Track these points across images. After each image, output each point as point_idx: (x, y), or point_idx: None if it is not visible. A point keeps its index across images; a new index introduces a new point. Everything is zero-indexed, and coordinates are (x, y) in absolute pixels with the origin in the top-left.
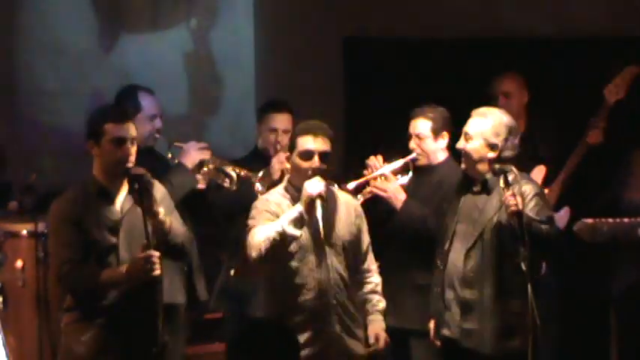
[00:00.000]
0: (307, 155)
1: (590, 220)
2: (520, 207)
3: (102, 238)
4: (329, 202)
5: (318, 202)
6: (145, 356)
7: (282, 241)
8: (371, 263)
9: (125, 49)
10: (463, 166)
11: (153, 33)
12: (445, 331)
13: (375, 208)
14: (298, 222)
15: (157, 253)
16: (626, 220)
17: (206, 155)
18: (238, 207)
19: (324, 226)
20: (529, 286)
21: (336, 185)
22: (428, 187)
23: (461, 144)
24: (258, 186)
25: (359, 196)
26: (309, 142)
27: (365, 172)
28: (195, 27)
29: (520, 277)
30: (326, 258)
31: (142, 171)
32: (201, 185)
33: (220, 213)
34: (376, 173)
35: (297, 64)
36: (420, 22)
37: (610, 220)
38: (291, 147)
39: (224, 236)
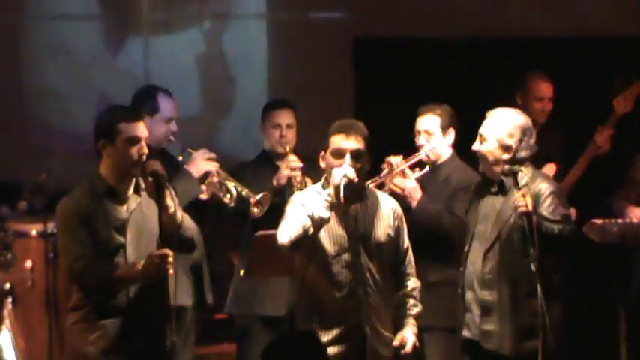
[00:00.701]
0: (339, 154)
1: (599, 221)
2: (529, 208)
3: (109, 237)
4: (367, 202)
5: (343, 182)
6: (154, 356)
7: (312, 224)
8: (409, 267)
9: (133, 52)
10: (480, 168)
11: (166, 35)
12: (465, 333)
13: None
14: (327, 205)
15: (171, 252)
16: (635, 220)
17: (212, 167)
18: (246, 209)
19: (359, 225)
20: (538, 287)
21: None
22: (435, 184)
23: (476, 146)
24: (254, 209)
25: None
26: (341, 141)
27: (383, 166)
28: (208, 29)
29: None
30: (360, 258)
31: (157, 166)
32: (204, 196)
33: (229, 215)
34: (397, 170)
35: (308, 64)
36: (430, 22)
37: (619, 220)
38: (326, 146)
39: (235, 238)
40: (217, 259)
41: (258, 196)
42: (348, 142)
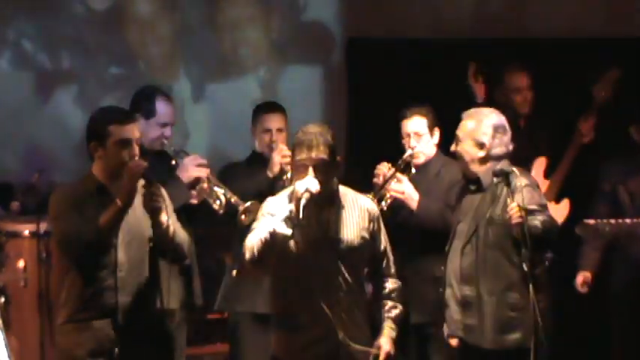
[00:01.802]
0: (303, 167)
1: (591, 221)
2: (523, 219)
3: None
4: (339, 206)
5: (304, 198)
6: (143, 359)
7: (274, 241)
8: (387, 268)
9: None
10: (460, 167)
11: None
12: (445, 329)
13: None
14: (289, 221)
15: (143, 163)
16: (628, 220)
17: (203, 173)
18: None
19: (330, 228)
20: (530, 286)
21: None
22: (427, 181)
23: (453, 146)
24: (242, 217)
25: (382, 203)
26: (303, 155)
27: (375, 180)
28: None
29: (517, 272)
30: (332, 262)
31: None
32: (195, 201)
33: (221, 216)
34: (389, 177)
35: (301, 65)
36: (423, 23)
37: (612, 220)
38: (293, 156)
39: (228, 237)
40: (209, 259)
41: (247, 204)
42: (310, 157)
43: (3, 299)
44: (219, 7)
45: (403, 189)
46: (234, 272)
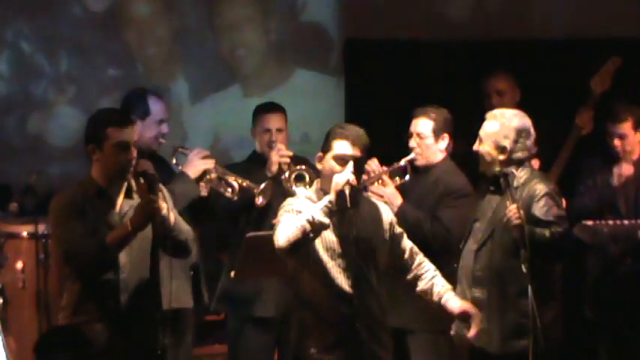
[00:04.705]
0: (342, 160)
1: (590, 223)
2: (522, 220)
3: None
4: (361, 207)
5: (347, 190)
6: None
7: (312, 229)
8: (422, 258)
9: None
10: (480, 167)
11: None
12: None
13: None
14: (327, 211)
15: (155, 197)
16: (626, 222)
17: (209, 165)
18: (240, 207)
19: (352, 230)
20: (529, 288)
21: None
22: (423, 186)
23: (475, 146)
24: (259, 198)
25: None
26: (346, 148)
27: (363, 176)
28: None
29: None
30: (355, 262)
31: (147, 165)
32: (204, 193)
33: (222, 214)
34: (375, 177)
35: (300, 66)
36: (422, 24)
37: (610, 222)
38: (326, 148)
39: (225, 238)
40: (206, 259)
41: (262, 185)
42: (353, 150)
43: (1, 300)
44: (218, 8)
45: (383, 192)
46: (232, 274)
